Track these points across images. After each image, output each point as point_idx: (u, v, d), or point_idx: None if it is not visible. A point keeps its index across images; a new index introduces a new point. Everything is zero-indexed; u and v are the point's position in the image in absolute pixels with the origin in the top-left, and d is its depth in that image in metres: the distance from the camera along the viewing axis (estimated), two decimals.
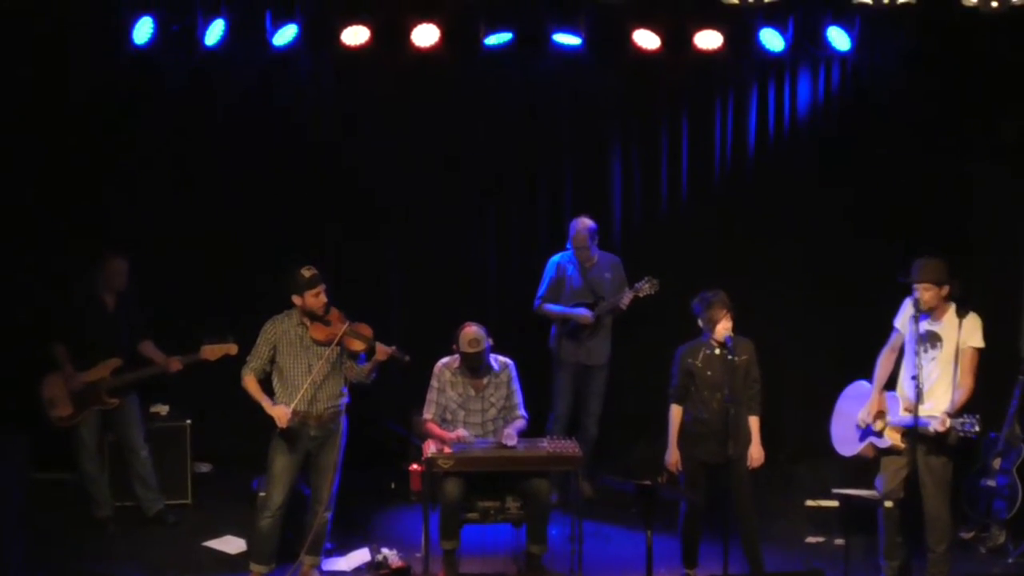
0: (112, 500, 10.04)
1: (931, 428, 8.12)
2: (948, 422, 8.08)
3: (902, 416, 8.34)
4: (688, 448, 8.62)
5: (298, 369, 8.54)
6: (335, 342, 8.50)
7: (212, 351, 9.55)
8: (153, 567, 9.07)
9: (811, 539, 9.87)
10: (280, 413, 8.41)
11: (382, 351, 8.56)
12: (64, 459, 10.16)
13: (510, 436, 8.79)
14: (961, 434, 8.09)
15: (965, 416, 8.06)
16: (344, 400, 8.71)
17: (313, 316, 8.54)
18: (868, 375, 8.68)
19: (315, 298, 8.49)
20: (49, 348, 9.79)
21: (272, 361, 8.60)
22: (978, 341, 8.30)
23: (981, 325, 8.32)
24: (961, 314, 8.23)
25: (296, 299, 8.53)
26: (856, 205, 11.11)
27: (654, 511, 7.84)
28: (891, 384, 8.63)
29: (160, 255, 11.03)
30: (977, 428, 8.03)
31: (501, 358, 9.08)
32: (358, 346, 8.61)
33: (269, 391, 8.61)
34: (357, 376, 8.71)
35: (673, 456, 8.67)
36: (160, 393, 10.55)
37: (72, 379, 9.74)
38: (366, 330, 8.65)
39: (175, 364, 9.81)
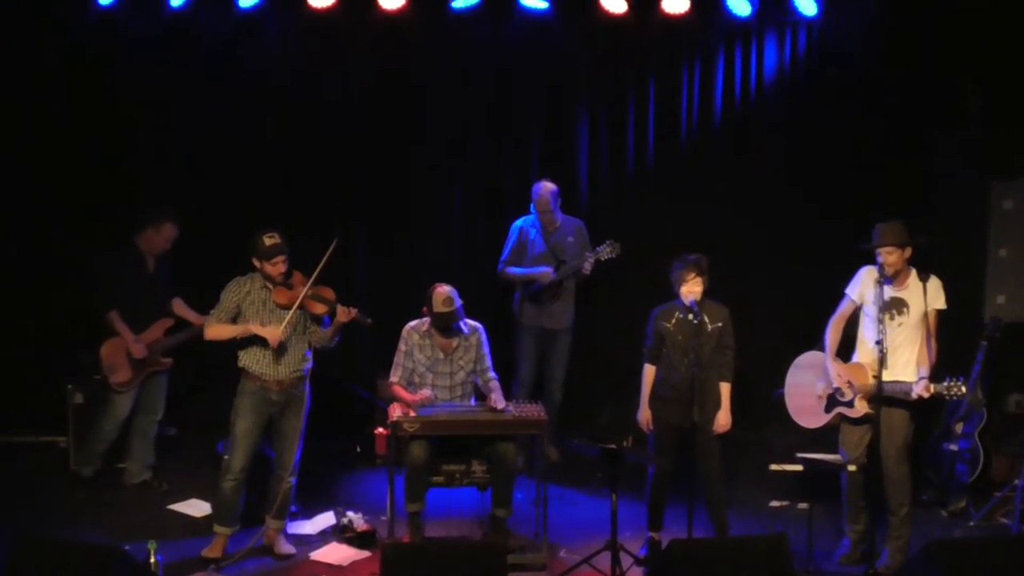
0: (101, 463, 10.03)
1: (914, 394, 8.14)
2: (932, 388, 8.10)
3: (873, 384, 8.34)
4: (658, 410, 8.65)
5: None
6: (296, 305, 8.48)
7: None
8: (118, 530, 9.02)
9: (775, 503, 9.94)
10: (272, 333, 8.38)
11: (343, 313, 8.51)
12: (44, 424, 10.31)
13: (498, 400, 8.79)
14: (948, 396, 8.12)
15: (949, 379, 8.07)
16: (308, 366, 8.68)
17: (274, 281, 8.52)
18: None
19: (273, 267, 8.43)
20: (102, 315, 9.76)
21: (235, 321, 8.55)
22: (942, 303, 8.35)
23: (942, 287, 8.37)
24: (923, 278, 8.26)
25: (256, 262, 8.48)
26: (821, 169, 11.14)
27: (619, 475, 7.91)
28: (842, 354, 8.66)
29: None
30: (964, 388, 8.05)
31: (471, 322, 9.06)
32: (320, 309, 8.56)
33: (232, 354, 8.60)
34: (321, 341, 8.67)
35: (645, 415, 8.70)
36: None
37: (135, 344, 9.72)
38: (328, 293, 8.60)
39: None
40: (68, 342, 10.63)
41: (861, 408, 8.39)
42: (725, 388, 8.61)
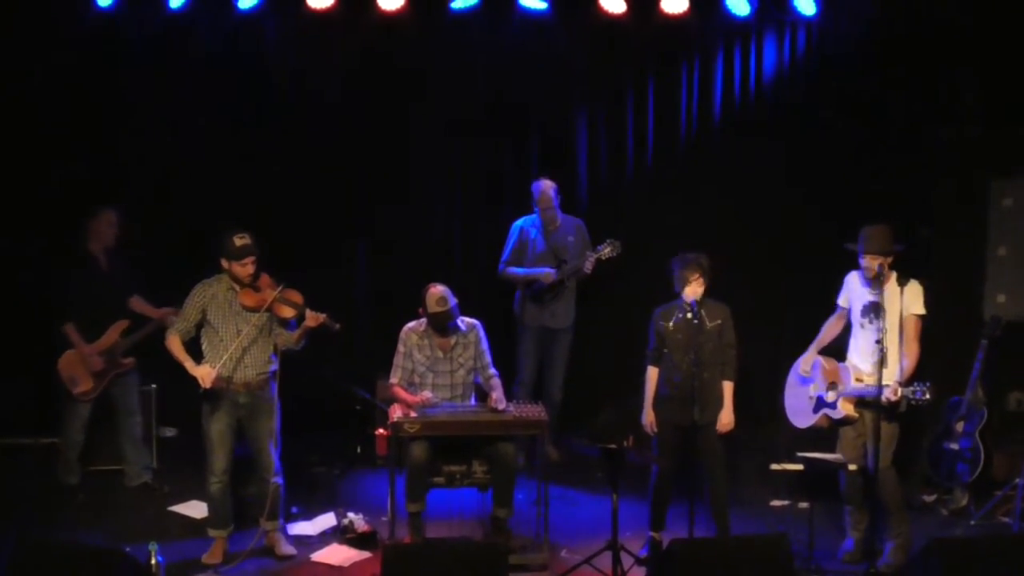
0: (80, 468, 10.04)
1: (883, 397, 8.16)
2: (900, 391, 8.11)
3: (855, 386, 8.40)
4: (661, 410, 8.65)
5: (227, 333, 8.49)
6: (264, 308, 8.47)
7: None
8: (119, 532, 9.03)
9: (776, 502, 9.94)
10: (203, 373, 8.37)
11: (312, 318, 8.49)
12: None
13: (500, 400, 8.79)
14: (913, 402, 8.12)
15: (916, 384, 8.08)
16: (273, 367, 8.66)
17: (241, 283, 8.51)
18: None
19: (242, 268, 8.42)
20: (58, 327, 9.79)
21: (201, 325, 8.56)
22: (920, 308, 8.36)
23: (922, 292, 8.38)
24: (902, 283, 8.24)
25: (224, 263, 8.48)
26: (820, 168, 11.11)
27: (620, 475, 7.90)
28: (839, 356, 8.70)
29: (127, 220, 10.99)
30: (928, 395, 8.05)
31: (468, 319, 9.05)
32: (288, 313, 8.55)
33: (197, 355, 8.57)
34: (286, 343, 8.64)
35: (648, 417, 8.70)
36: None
37: (89, 356, 9.77)
38: (296, 296, 8.59)
39: (170, 315, 9.68)
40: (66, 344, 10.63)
41: (843, 410, 8.46)
42: (728, 387, 8.62)
